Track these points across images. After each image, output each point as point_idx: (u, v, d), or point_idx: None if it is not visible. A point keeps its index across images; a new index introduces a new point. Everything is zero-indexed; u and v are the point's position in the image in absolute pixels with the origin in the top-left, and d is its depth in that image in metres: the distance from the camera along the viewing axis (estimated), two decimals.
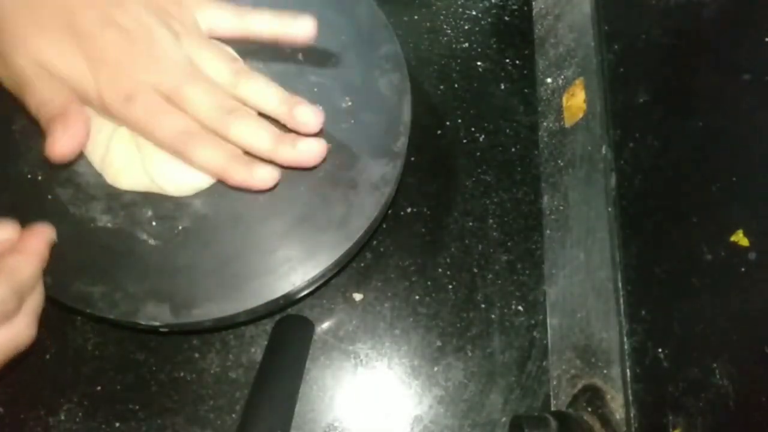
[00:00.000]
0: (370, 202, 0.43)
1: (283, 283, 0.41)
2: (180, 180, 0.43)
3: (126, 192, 0.43)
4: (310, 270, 0.42)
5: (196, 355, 0.50)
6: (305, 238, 0.42)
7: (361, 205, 0.43)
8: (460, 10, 0.63)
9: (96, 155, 0.43)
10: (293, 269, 0.42)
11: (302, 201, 0.43)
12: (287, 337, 0.48)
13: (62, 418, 0.48)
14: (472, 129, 0.58)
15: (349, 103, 0.46)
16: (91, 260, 0.42)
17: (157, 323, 0.40)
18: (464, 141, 0.58)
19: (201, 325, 0.42)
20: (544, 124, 0.57)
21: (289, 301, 0.44)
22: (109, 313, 0.40)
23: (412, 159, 0.57)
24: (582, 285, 0.47)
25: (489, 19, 0.63)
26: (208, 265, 0.42)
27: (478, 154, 0.57)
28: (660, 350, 0.38)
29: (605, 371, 0.42)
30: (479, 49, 0.61)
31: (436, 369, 0.50)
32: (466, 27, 0.62)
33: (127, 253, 0.42)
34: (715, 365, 0.35)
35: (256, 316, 0.44)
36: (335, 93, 0.46)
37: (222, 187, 0.43)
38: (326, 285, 0.52)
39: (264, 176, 0.41)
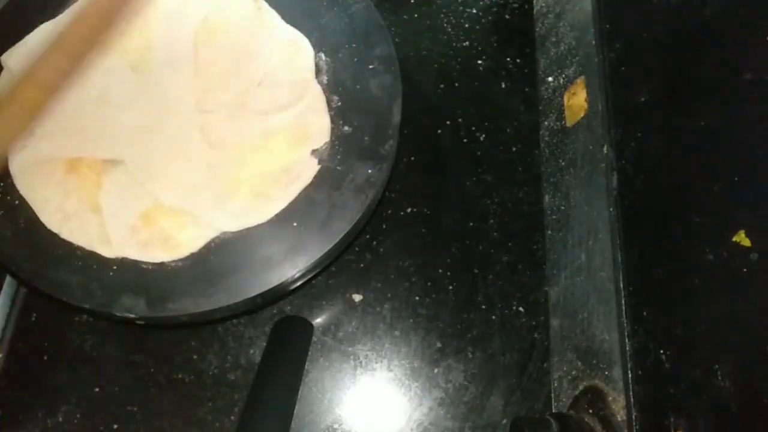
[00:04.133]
0: (353, 204, 0.43)
1: (261, 282, 0.41)
2: (143, 254, 0.42)
3: None
4: (289, 270, 0.41)
5: (195, 356, 0.49)
6: (285, 238, 0.42)
7: (344, 207, 0.43)
8: (461, 8, 0.63)
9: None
10: (271, 268, 0.41)
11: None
12: (286, 338, 0.48)
13: (60, 419, 0.48)
14: (473, 128, 0.58)
15: (339, 104, 0.46)
16: (70, 249, 0.42)
17: (132, 315, 0.40)
18: (465, 140, 0.57)
19: (177, 320, 0.42)
20: (545, 123, 0.57)
21: (267, 299, 0.43)
22: (85, 302, 0.40)
23: (412, 158, 0.56)
24: (583, 286, 0.47)
25: (489, 18, 0.63)
26: (185, 260, 0.42)
27: (479, 153, 0.57)
28: (661, 351, 0.38)
29: (606, 373, 0.42)
30: (480, 48, 0.61)
31: (436, 371, 0.50)
32: (467, 25, 0.62)
33: None
34: (716, 366, 0.34)
35: (233, 312, 0.44)
36: (325, 92, 0.46)
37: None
38: (326, 285, 0.52)
39: None
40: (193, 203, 0.42)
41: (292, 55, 0.47)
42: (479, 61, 0.61)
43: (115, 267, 0.41)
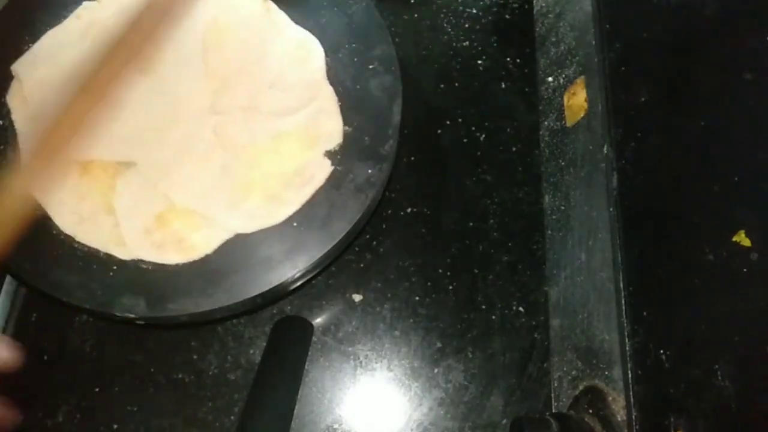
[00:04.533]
0: (353, 204, 0.43)
1: (261, 282, 0.41)
2: (157, 256, 0.42)
3: None
4: (289, 270, 0.41)
5: (195, 356, 0.49)
6: (285, 238, 0.42)
7: (343, 207, 0.43)
8: (461, 8, 0.63)
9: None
10: (271, 268, 0.41)
11: None
12: (286, 338, 0.48)
13: (60, 419, 0.48)
14: (473, 128, 0.58)
15: (339, 104, 0.46)
16: (70, 249, 0.42)
17: (132, 315, 0.40)
18: (465, 140, 0.57)
19: (177, 320, 0.42)
20: (545, 123, 0.57)
21: (267, 299, 0.44)
22: (85, 302, 0.40)
23: (412, 158, 0.56)
24: (583, 286, 0.47)
25: (490, 18, 0.63)
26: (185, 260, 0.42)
27: (479, 153, 0.57)
28: (661, 351, 0.38)
29: (606, 372, 0.42)
30: (480, 48, 0.61)
31: (436, 371, 0.50)
32: (467, 25, 0.62)
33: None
34: (716, 366, 0.34)
35: (233, 312, 0.44)
36: None
37: None
38: (326, 285, 0.52)
39: None
40: (206, 205, 0.42)
41: (303, 56, 0.47)
42: (479, 61, 0.61)
43: (115, 267, 0.41)
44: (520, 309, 0.52)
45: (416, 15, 0.62)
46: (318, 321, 0.51)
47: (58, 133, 0.43)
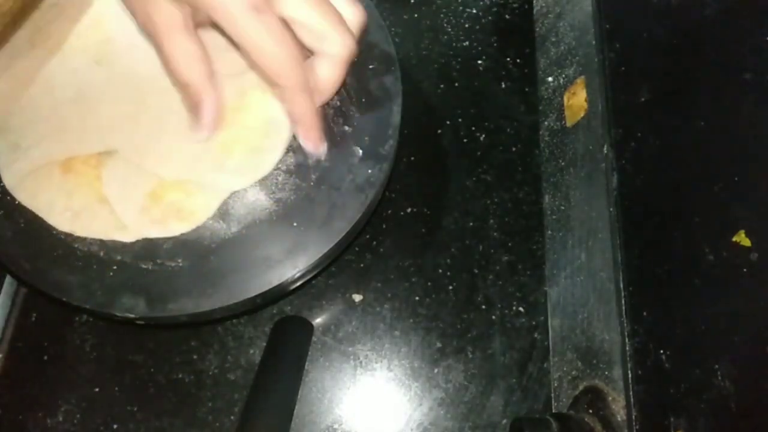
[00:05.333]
0: (353, 204, 0.43)
1: (260, 282, 0.41)
2: (160, 230, 0.42)
3: None
4: (288, 270, 0.41)
5: (195, 356, 0.49)
6: (285, 238, 0.42)
7: (343, 206, 0.43)
8: (461, 8, 0.63)
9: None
10: (271, 268, 0.41)
11: (284, 199, 0.43)
12: (286, 338, 0.48)
13: (60, 419, 0.48)
14: (473, 128, 0.58)
15: (338, 104, 0.46)
16: (70, 249, 0.42)
17: (132, 315, 0.40)
18: (465, 140, 0.57)
19: (177, 320, 0.42)
20: (545, 123, 0.57)
21: (266, 299, 0.43)
22: (85, 302, 0.40)
23: (412, 158, 0.56)
24: (583, 286, 0.47)
25: (489, 18, 0.63)
26: (185, 260, 0.42)
27: (479, 153, 0.57)
28: (662, 351, 0.38)
29: (607, 373, 0.42)
30: (480, 48, 0.61)
31: (436, 371, 0.50)
32: (467, 25, 0.62)
33: (105, 245, 0.42)
34: (717, 366, 0.34)
35: (233, 312, 0.44)
36: None
37: None
38: (326, 285, 0.52)
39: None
40: (195, 172, 0.43)
41: None
42: (479, 61, 0.61)
43: (115, 267, 0.41)
44: (520, 309, 0.52)
45: (416, 15, 0.62)
46: (318, 321, 0.51)
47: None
